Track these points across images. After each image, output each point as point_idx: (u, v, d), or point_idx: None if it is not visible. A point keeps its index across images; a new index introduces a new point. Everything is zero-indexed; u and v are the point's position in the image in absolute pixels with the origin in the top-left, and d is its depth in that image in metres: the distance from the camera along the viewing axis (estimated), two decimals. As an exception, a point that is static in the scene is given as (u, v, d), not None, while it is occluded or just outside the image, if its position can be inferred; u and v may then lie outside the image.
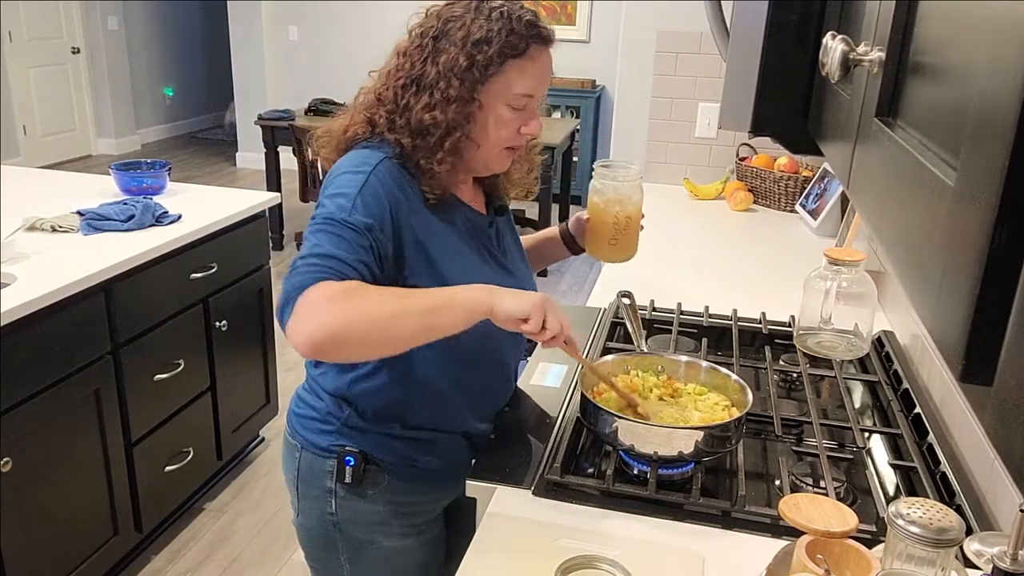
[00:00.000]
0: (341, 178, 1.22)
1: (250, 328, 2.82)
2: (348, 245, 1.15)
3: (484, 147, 1.27)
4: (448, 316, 1.13)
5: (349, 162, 1.24)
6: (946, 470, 1.26)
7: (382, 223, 1.19)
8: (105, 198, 2.60)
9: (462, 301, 1.14)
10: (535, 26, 1.24)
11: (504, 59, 1.21)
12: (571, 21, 6.52)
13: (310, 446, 1.35)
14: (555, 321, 1.15)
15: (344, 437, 1.32)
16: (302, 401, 1.39)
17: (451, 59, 1.21)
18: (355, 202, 1.17)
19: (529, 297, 1.14)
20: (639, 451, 1.23)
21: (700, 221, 2.71)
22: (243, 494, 2.85)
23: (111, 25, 7.40)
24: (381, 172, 1.21)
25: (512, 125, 1.26)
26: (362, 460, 1.31)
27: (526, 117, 1.27)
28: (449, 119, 1.21)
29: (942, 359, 0.46)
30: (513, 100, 1.24)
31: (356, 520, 1.35)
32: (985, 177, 0.40)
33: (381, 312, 1.09)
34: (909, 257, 0.53)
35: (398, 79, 1.25)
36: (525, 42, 1.22)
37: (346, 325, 1.07)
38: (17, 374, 1.90)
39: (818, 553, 0.90)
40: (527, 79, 1.24)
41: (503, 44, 1.20)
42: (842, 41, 0.67)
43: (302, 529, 1.40)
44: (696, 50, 2.93)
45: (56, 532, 2.09)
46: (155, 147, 8.02)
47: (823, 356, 1.55)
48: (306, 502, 1.37)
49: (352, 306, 1.08)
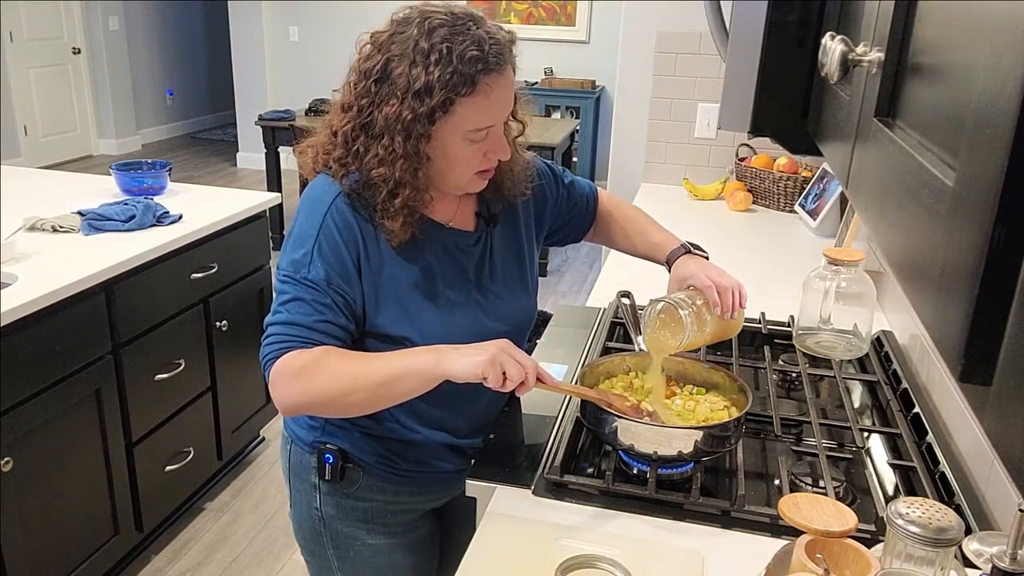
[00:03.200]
0: (300, 224, 1.22)
1: (250, 328, 2.82)
2: (308, 308, 1.17)
3: (451, 177, 1.23)
4: (403, 385, 1.14)
5: (308, 201, 1.23)
6: (945, 470, 1.26)
7: (343, 271, 1.19)
8: (106, 198, 2.60)
9: (415, 370, 1.13)
10: (480, 60, 1.13)
11: (452, 102, 1.13)
12: (571, 21, 6.52)
13: (298, 440, 1.38)
14: (515, 369, 1.10)
15: (326, 434, 1.35)
16: None
17: (394, 112, 1.14)
18: (312, 256, 1.18)
19: (480, 353, 1.10)
20: (639, 451, 1.23)
21: (700, 221, 2.71)
22: (243, 494, 2.85)
23: (112, 25, 7.40)
24: (335, 215, 1.20)
25: (476, 156, 1.21)
26: (340, 458, 1.33)
27: (489, 144, 1.21)
28: (396, 176, 1.16)
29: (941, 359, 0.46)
30: (470, 135, 1.18)
31: (340, 516, 1.37)
32: (985, 177, 0.40)
33: (335, 389, 1.14)
34: (908, 257, 0.53)
35: (347, 123, 1.19)
36: (471, 80, 1.13)
37: (307, 400, 1.16)
38: (18, 374, 1.90)
39: (817, 553, 0.90)
40: (481, 114, 1.16)
41: (447, 89, 1.12)
42: (841, 41, 0.68)
43: (295, 521, 1.44)
44: (696, 50, 2.93)
45: (56, 532, 2.09)
46: (156, 147, 8.02)
47: (822, 356, 1.55)
48: (297, 495, 1.41)
49: (310, 385, 1.14)
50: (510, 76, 1.19)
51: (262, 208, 2.79)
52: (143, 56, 7.95)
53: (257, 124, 5.22)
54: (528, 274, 1.40)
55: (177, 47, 8.44)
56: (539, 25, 6.57)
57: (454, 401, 1.30)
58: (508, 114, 1.23)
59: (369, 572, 1.41)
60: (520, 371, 1.10)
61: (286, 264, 1.20)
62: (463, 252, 1.30)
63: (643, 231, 1.54)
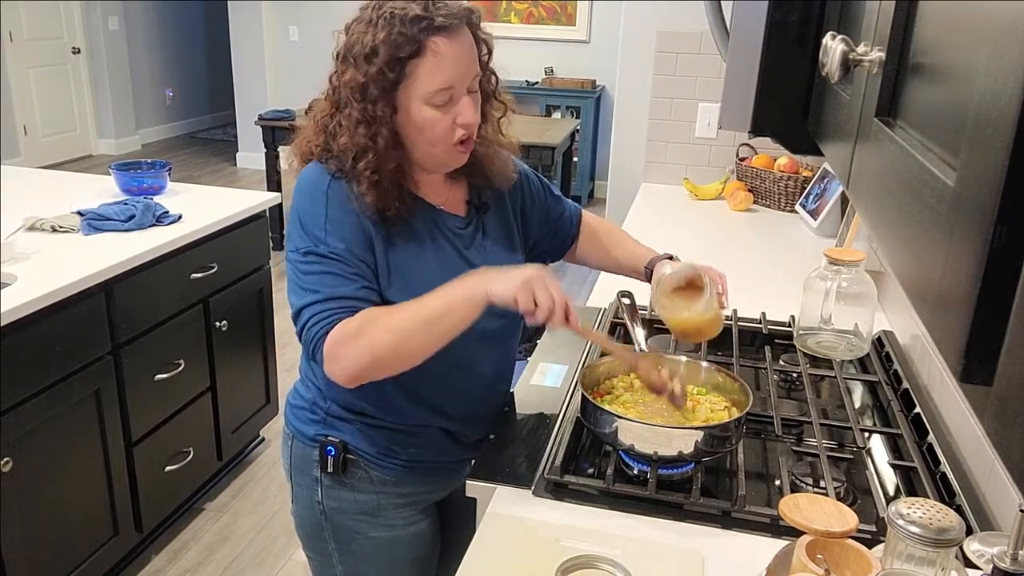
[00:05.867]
0: (304, 206, 1.23)
1: (250, 328, 2.82)
2: (341, 280, 1.18)
3: (424, 149, 1.24)
4: (454, 317, 1.15)
5: (305, 185, 1.25)
6: (946, 470, 1.26)
7: (359, 240, 1.21)
8: (105, 198, 2.60)
9: (460, 299, 1.15)
10: (423, 19, 1.15)
11: (402, 64, 1.16)
12: (571, 21, 6.52)
13: (300, 435, 1.39)
14: (546, 296, 1.12)
15: (328, 427, 1.35)
16: (296, 392, 1.43)
17: (349, 79, 1.18)
18: (327, 229, 1.20)
19: (516, 276, 1.13)
20: (639, 451, 1.23)
21: (700, 221, 2.71)
22: (243, 494, 2.85)
23: (112, 25, 7.40)
24: (333, 195, 1.23)
25: (442, 123, 1.21)
26: (342, 450, 1.34)
27: (458, 109, 1.21)
28: (357, 142, 1.19)
29: (942, 359, 0.46)
30: (431, 98, 1.19)
31: (342, 509, 1.38)
32: (985, 177, 0.40)
33: (396, 338, 1.15)
34: (909, 257, 0.53)
35: (323, 109, 1.25)
36: (416, 40, 1.15)
37: (373, 358, 1.15)
38: (18, 374, 1.90)
39: (818, 553, 0.90)
40: (436, 75, 1.17)
41: (392, 50, 1.15)
42: (842, 41, 0.67)
43: (297, 517, 1.44)
44: (696, 50, 2.93)
45: (56, 532, 2.09)
46: (155, 147, 8.02)
47: (823, 356, 1.55)
48: (299, 490, 1.41)
49: (372, 342, 1.15)
50: (466, 40, 1.20)
51: (262, 208, 2.79)
52: (143, 56, 7.95)
53: (257, 124, 5.21)
54: (520, 262, 1.42)
55: (177, 47, 8.44)
56: (539, 25, 6.57)
57: (448, 382, 1.33)
58: (470, 79, 1.22)
59: (370, 566, 1.41)
60: (549, 300, 1.12)
61: (303, 242, 1.21)
62: (456, 234, 1.32)
63: (625, 244, 1.57)
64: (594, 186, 6.54)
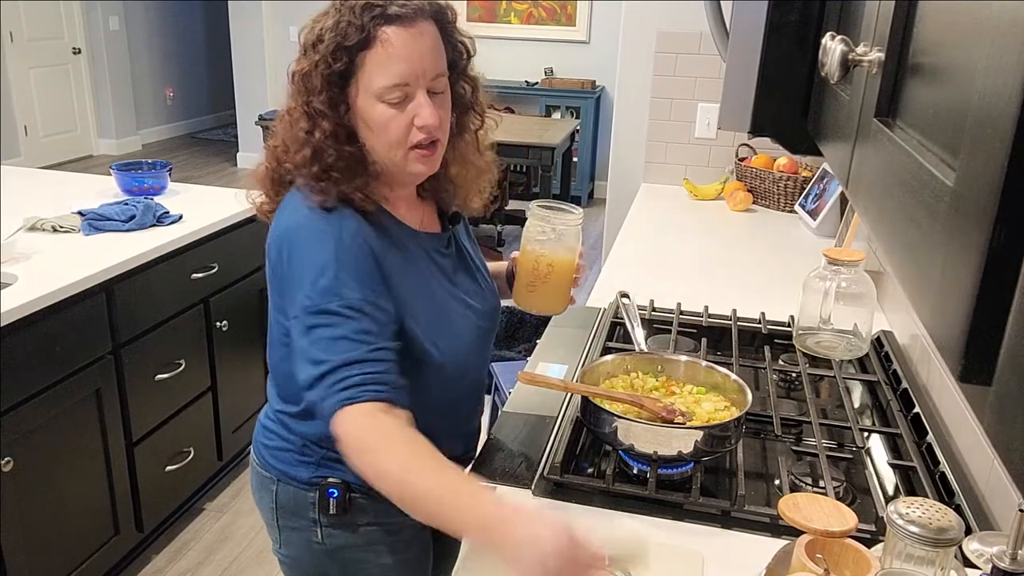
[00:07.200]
0: (305, 253, 1.11)
1: (250, 328, 2.82)
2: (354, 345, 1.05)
3: (382, 153, 1.15)
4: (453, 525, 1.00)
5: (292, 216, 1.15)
6: (945, 470, 1.26)
7: (372, 282, 1.10)
8: (106, 198, 2.60)
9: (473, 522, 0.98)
10: (375, 7, 1.07)
11: (350, 54, 1.08)
12: (571, 21, 6.52)
13: (287, 479, 1.26)
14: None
15: (325, 468, 1.24)
16: (271, 432, 1.29)
17: (298, 70, 1.12)
18: (338, 275, 1.08)
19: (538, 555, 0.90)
20: (639, 451, 1.23)
21: (700, 221, 2.71)
22: (243, 494, 2.85)
23: (112, 25, 7.40)
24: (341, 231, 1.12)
25: (397, 122, 1.12)
26: (345, 490, 1.23)
27: (414, 109, 1.12)
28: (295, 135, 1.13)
29: (941, 359, 0.46)
30: (383, 95, 1.10)
31: (347, 546, 1.28)
32: (985, 177, 0.40)
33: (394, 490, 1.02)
34: (908, 257, 0.53)
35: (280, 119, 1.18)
36: (365, 30, 1.07)
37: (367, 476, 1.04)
38: (18, 374, 1.90)
39: (817, 552, 0.90)
40: (387, 68, 1.09)
41: (338, 37, 1.08)
42: (841, 41, 0.68)
43: (288, 559, 1.33)
44: (696, 50, 2.93)
45: (57, 532, 2.09)
46: (156, 147, 8.01)
47: (822, 356, 1.55)
48: (289, 533, 1.30)
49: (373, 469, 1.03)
50: (425, 35, 1.11)
51: (262, 208, 2.79)
52: (143, 56, 7.95)
53: (257, 124, 5.23)
54: (486, 277, 1.37)
55: (177, 47, 8.44)
56: (539, 25, 6.57)
57: (444, 412, 1.27)
58: (429, 78, 1.12)
59: None
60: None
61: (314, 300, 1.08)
62: (441, 255, 1.27)
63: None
64: (594, 186, 6.54)
